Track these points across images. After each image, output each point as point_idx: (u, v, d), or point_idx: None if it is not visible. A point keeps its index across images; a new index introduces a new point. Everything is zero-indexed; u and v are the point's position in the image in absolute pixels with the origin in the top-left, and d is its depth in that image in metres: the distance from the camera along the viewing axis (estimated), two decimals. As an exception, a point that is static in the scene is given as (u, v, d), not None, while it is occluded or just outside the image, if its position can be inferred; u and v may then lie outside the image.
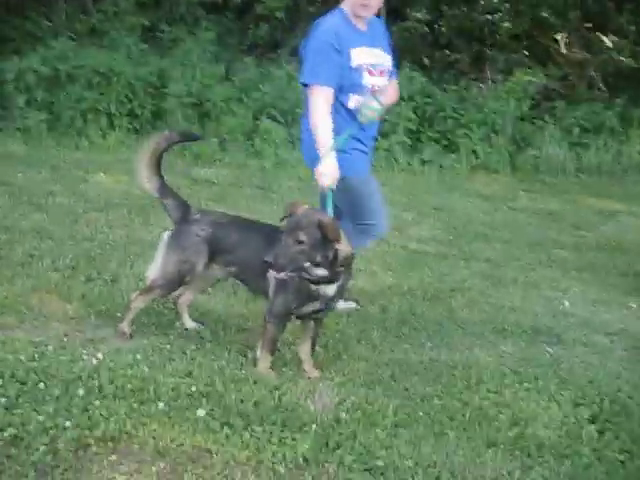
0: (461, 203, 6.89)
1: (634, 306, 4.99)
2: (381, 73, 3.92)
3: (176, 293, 3.87)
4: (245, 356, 3.59)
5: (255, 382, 3.31)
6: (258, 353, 3.51)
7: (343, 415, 3.13)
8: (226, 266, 3.65)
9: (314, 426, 3.03)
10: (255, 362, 3.50)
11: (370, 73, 3.85)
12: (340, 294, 3.47)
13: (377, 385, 3.46)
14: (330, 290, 3.37)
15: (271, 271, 3.23)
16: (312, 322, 3.55)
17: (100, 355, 3.41)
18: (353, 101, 3.83)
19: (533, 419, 3.30)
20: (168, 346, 3.60)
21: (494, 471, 2.90)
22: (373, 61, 3.87)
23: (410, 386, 3.50)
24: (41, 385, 3.07)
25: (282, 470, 2.76)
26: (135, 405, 3.03)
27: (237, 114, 8.06)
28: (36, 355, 3.33)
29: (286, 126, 8.25)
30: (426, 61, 9.31)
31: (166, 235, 3.66)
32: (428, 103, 8.52)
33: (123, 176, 6.60)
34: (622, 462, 3.07)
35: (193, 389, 3.18)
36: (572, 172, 8.33)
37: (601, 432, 3.26)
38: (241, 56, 9.75)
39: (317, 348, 3.74)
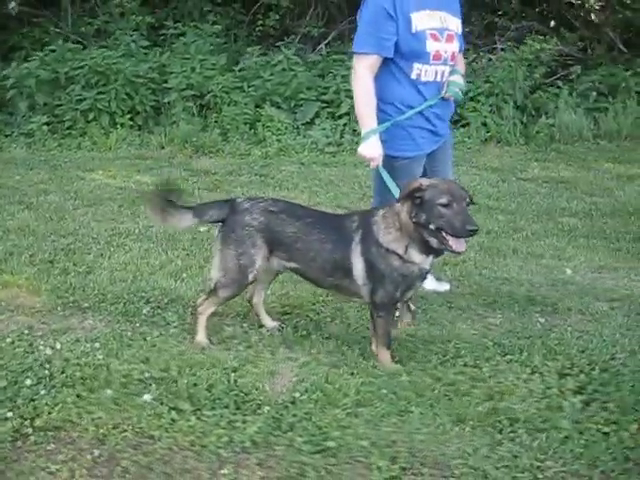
0: (466, 177, 6.58)
1: (645, 270, 4.65)
2: (449, 39, 3.54)
3: (247, 295, 3.65)
4: (210, 340, 3.47)
5: (213, 365, 3.18)
6: (374, 348, 3.34)
7: (298, 395, 2.97)
8: (286, 261, 3.39)
9: (267, 408, 2.88)
10: (374, 356, 3.34)
11: (435, 38, 3.49)
12: None
13: (344, 364, 3.28)
14: (428, 264, 3.25)
15: (459, 244, 3.14)
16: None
17: (58, 345, 3.35)
18: (416, 70, 3.52)
19: (510, 393, 3.05)
20: (129, 333, 3.51)
21: (458, 449, 2.69)
22: (438, 25, 3.51)
23: (379, 364, 3.31)
24: (-11, 377, 3.02)
25: (226, 454, 2.63)
26: (84, 393, 2.96)
27: (239, 103, 7.95)
28: (-8, 348, 3.29)
29: (290, 112, 8.10)
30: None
31: (217, 232, 3.43)
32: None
33: (120, 172, 6.58)
34: (606, 434, 2.80)
35: (146, 375, 3.08)
36: (590, 139, 7.90)
37: (587, 403, 3.00)
38: (251, 47, 9.60)
39: (301, 331, 3.60)
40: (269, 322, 3.68)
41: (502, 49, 8.84)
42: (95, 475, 2.50)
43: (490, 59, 8.56)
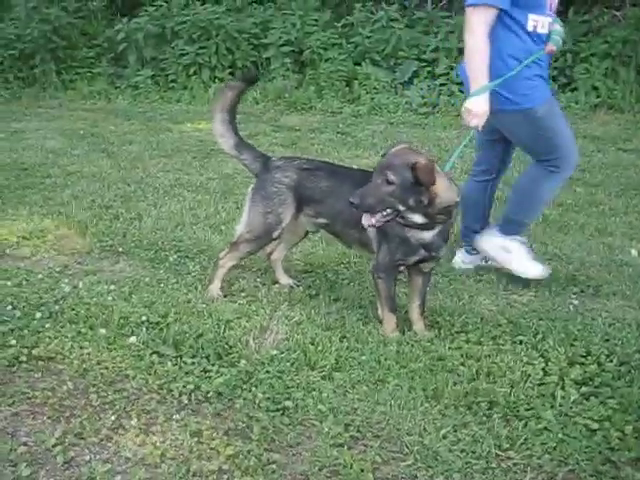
0: (558, 145, 6.10)
1: None
2: None
3: (267, 250, 3.69)
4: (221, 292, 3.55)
5: (210, 315, 3.27)
6: (379, 313, 3.32)
7: (277, 353, 2.98)
8: (315, 217, 3.43)
9: (244, 362, 2.93)
10: (380, 321, 3.29)
11: None
12: (441, 242, 3.18)
13: (338, 327, 3.23)
14: (426, 236, 3.12)
15: (363, 218, 3.01)
16: (420, 278, 3.29)
17: (80, 284, 3.58)
18: (532, 22, 3.33)
19: (500, 375, 2.86)
20: (148, 279, 3.67)
21: (419, 425, 2.57)
22: None
23: (376, 331, 3.22)
24: (9, 307, 3.30)
25: (186, 401, 2.71)
26: (83, 330, 3.14)
27: (336, 60, 7.88)
28: (24, 282, 3.59)
29: (388, 70, 7.90)
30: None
31: (250, 188, 3.51)
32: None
33: (207, 125, 6.76)
34: (593, 431, 2.56)
35: (143, 319, 3.21)
36: None
37: (587, 397, 2.75)
38: (359, 2, 9.38)
39: (312, 290, 3.58)
40: (284, 279, 3.70)
41: (634, 4, 7.98)
42: (63, 405, 2.67)
43: (615, 15, 7.77)
